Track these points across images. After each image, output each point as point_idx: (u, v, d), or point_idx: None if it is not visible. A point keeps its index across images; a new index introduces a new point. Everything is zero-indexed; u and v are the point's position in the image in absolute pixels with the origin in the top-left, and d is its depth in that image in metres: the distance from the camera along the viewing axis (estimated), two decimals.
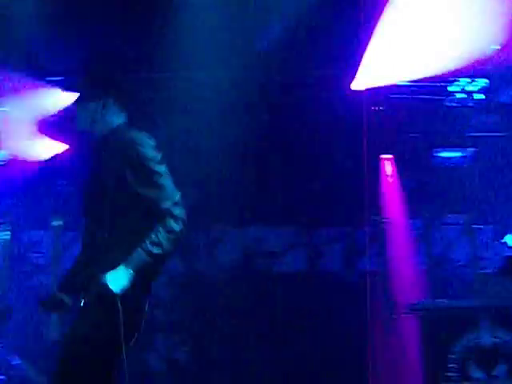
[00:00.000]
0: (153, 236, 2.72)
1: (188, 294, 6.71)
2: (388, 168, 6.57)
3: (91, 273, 2.76)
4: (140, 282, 2.74)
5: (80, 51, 5.68)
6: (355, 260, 6.91)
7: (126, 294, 2.68)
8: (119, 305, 2.66)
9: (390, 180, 6.55)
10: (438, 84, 6.25)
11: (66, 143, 6.22)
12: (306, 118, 6.54)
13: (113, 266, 2.69)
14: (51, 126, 6.19)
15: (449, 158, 6.65)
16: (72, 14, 5.45)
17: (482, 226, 6.59)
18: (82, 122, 2.97)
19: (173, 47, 5.87)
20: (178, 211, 2.77)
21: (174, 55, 5.93)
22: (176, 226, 2.74)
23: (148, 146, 2.84)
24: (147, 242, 2.71)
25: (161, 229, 2.73)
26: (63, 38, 5.39)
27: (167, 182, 2.81)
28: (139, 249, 2.71)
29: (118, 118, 2.95)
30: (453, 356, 4.77)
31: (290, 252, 6.96)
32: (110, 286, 2.65)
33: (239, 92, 6.16)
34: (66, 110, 5.39)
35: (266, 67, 6.30)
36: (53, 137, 6.24)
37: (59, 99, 5.63)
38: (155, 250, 2.71)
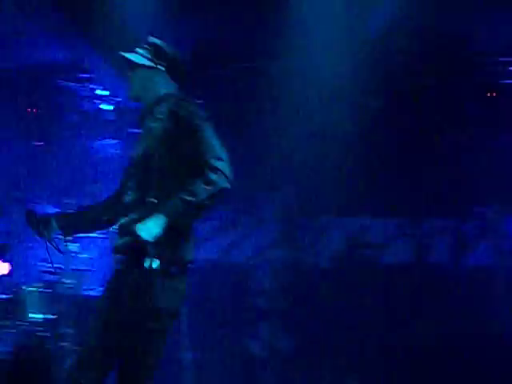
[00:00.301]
0: (189, 186, 2.69)
1: (291, 282, 6.75)
2: None
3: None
4: (176, 239, 2.71)
5: (189, 39, 5.82)
6: (462, 253, 6.72)
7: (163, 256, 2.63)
8: (153, 254, 2.61)
9: None
10: None
11: None
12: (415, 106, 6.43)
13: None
14: None
15: None
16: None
17: None
18: (134, 89, 3.05)
19: (284, 33, 5.78)
20: (220, 165, 2.71)
21: (285, 42, 5.85)
22: (215, 178, 2.67)
23: (194, 105, 2.90)
24: (183, 192, 2.68)
25: (198, 180, 2.69)
26: (173, 26, 5.49)
27: (212, 139, 2.80)
28: (174, 198, 2.69)
29: (166, 88, 3.02)
30: None
31: (394, 243, 6.85)
32: (141, 234, 2.60)
33: (351, 79, 6.10)
34: None
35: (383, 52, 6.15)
36: None
37: None
38: (189, 198, 2.66)
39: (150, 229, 2.61)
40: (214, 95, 6.20)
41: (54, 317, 4.83)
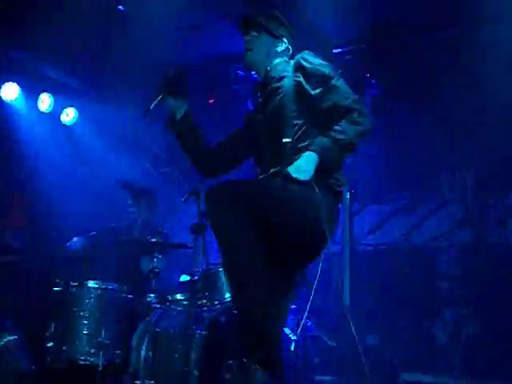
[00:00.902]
0: (335, 126, 2.76)
1: (476, 266, 6.42)
2: None
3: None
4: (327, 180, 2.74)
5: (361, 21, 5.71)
6: None
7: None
8: (316, 189, 2.63)
9: None
10: None
11: None
12: None
13: None
14: None
15: None
16: None
17: None
18: (256, 54, 3.08)
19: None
20: (362, 107, 2.83)
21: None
22: (361, 119, 2.78)
23: (317, 56, 2.96)
24: (331, 131, 2.76)
25: (344, 120, 2.77)
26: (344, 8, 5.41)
27: (345, 85, 2.87)
28: (323, 137, 2.76)
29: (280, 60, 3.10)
30: None
31: None
32: (296, 175, 2.63)
33: None
34: None
35: None
36: None
37: None
38: (339, 136, 2.72)
39: (303, 167, 2.65)
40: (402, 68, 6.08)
41: None
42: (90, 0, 5.63)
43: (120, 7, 5.76)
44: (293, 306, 5.59)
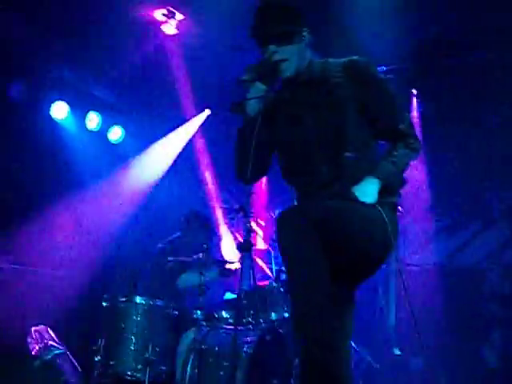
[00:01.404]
0: (394, 151, 2.78)
1: None
2: None
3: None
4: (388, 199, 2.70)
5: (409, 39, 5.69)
6: None
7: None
8: (383, 214, 2.61)
9: None
10: None
11: None
12: None
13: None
14: None
15: None
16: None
17: None
18: (293, 63, 2.81)
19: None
20: (414, 130, 2.84)
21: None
22: (415, 143, 2.80)
23: (367, 61, 2.85)
24: (390, 156, 2.76)
25: (402, 145, 2.79)
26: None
27: (396, 96, 2.83)
28: (383, 161, 2.76)
29: (311, 51, 2.92)
30: None
31: None
32: (362, 198, 2.62)
33: None
34: None
35: None
36: None
37: None
38: (399, 162, 2.75)
39: (369, 192, 2.65)
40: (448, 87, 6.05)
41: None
42: (136, 21, 5.72)
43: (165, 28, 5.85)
44: None
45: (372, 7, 5.24)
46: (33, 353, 4.98)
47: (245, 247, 4.59)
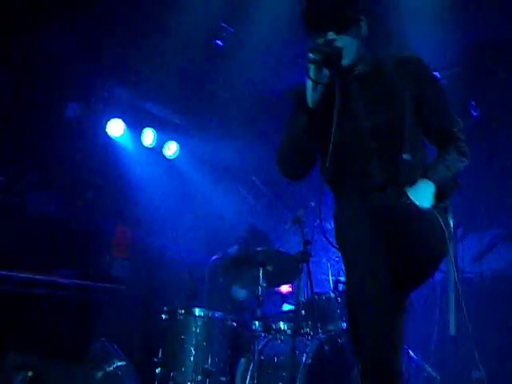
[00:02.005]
0: (447, 155, 2.72)
1: None
2: None
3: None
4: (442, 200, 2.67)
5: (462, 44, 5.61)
6: None
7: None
8: (439, 218, 2.56)
9: None
10: None
11: None
12: None
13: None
14: None
15: None
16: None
17: None
18: (352, 53, 2.68)
19: None
20: (464, 136, 2.80)
21: None
22: (465, 148, 2.77)
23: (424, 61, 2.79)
24: (443, 159, 2.72)
25: (453, 148, 2.74)
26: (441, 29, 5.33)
27: (452, 106, 2.80)
28: (437, 164, 2.71)
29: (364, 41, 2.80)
30: None
31: None
32: (419, 202, 2.56)
33: None
34: None
35: None
36: None
37: None
38: (452, 166, 2.71)
39: (425, 196, 2.60)
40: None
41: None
42: (189, 36, 5.81)
43: (218, 41, 5.93)
44: None
45: (420, 7, 5.16)
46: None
47: (302, 258, 4.60)
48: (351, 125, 2.70)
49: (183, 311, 4.95)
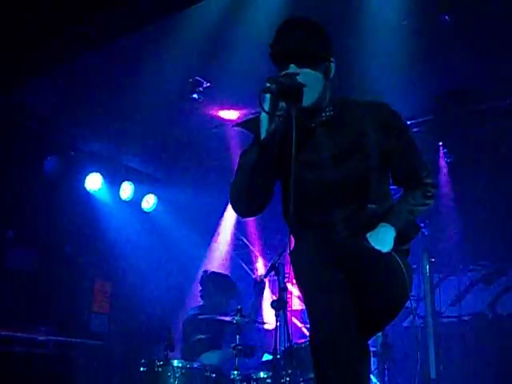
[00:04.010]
0: (412, 200, 2.71)
1: None
2: None
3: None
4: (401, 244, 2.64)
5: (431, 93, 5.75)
6: None
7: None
8: (399, 261, 2.53)
9: None
10: None
11: None
12: None
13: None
14: None
15: None
16: None
17: None
18: (315, 93, 2.54)
19: None
20: (432, 180, 2.77)
21: None
22: (431, 191, 2.74)
23: (394, 110, 2.69)
24: (406, 203, 2.70)
25: (419, 193, 2.72)
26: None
27: (416, 146, 2.76)
28: (401, 208, 2.69)
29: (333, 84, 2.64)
30: None
31: None
32: (377, 246, 2.52)
33: None
34: None
35: None
36: None
37: None
38: (415, 210, 2.70)
39: (385, 240, 2.56)
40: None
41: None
42: (166, 92, 5.91)
43: (194, 96, 6.00)
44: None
45: (389, 59, 5.26)
46: None
47: (278, 306, 4.58)
48: (316, 175, 2.60)
49: (161, 363, 4.90)
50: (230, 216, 7.54)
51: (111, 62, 5.46)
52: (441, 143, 6.41)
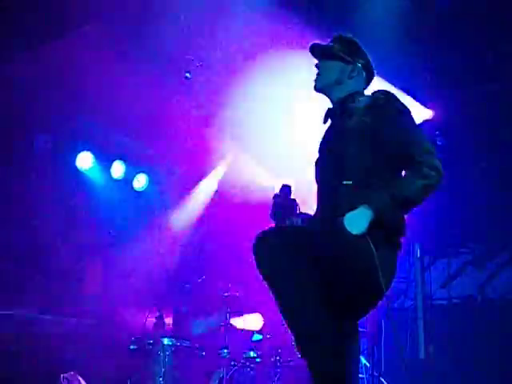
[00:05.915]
0: (399, 181, 2.65)
1: None
2: None
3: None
4: (384, 232, 2.57)
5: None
6: None
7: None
8: (371, 245, 2.50)
9: None
10: None
11: None
12: None
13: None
14: None
15: None
16: None
17: None
18: (324, 79, 2.96)
19: None
20: (430, 158, 2.60)
21: None
22: (428, 171, 2.57)
23: (400, 99, 2.77)
24: (392, 187, 2.59)
25: (410, 173, 2.62)
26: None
27: (416, 126, 2.73)
28: (382, 191, 2.58)
29: (358, 87, 2.95)
30: None
31: None
32: (348, 227, 2.50)
33: None
34: None
35: None
36: None
37: None
38: (399, 193, 2.56)
39: (357, 222, 2.53)
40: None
41: None
42: (161, 68, 5.88)
43: (187, 75, 5.99)
44: (366, 363, 5.53)
45: None
46: None
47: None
48: (321, 158, 2.91)
49: (151, 341, 4.91)
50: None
51: (100, 39, 5.42)
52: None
